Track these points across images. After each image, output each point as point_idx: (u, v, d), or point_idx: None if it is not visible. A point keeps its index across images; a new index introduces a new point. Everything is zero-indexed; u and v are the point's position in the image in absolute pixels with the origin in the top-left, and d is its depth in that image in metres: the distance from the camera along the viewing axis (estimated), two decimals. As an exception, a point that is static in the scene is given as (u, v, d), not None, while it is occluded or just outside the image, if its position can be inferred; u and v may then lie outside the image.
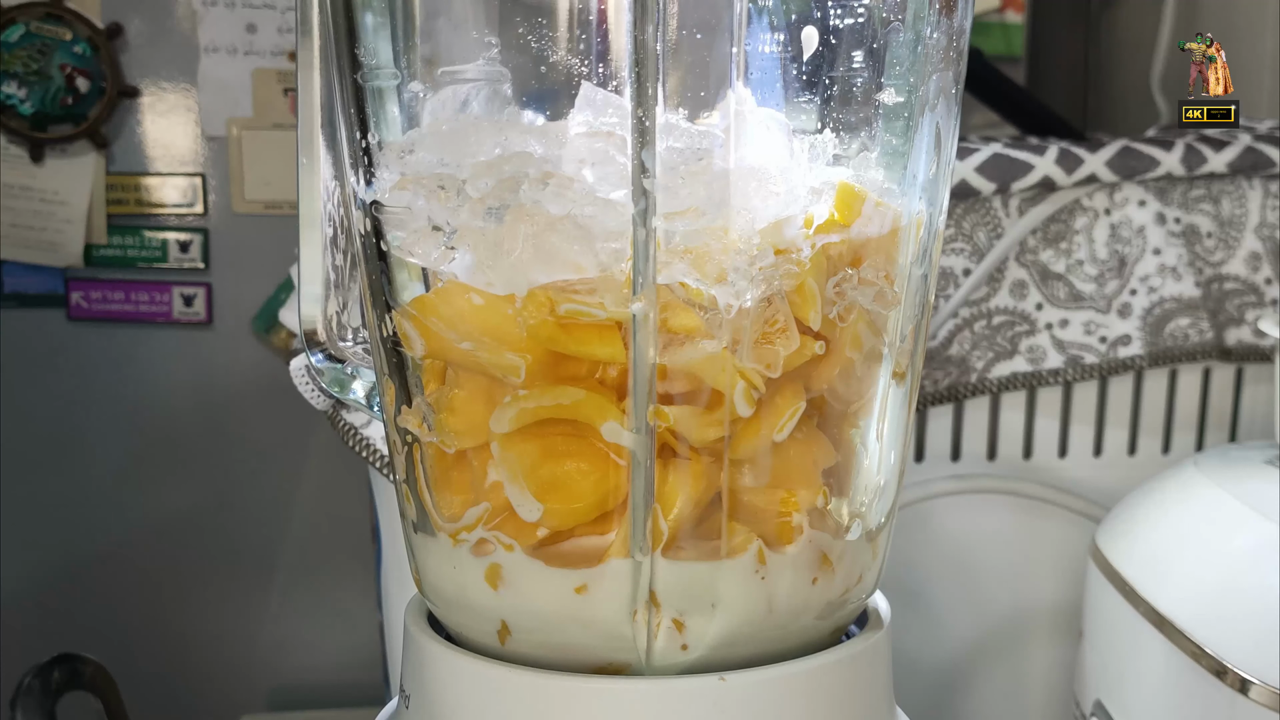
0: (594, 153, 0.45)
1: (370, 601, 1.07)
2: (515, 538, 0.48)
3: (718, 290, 0.45)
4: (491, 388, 0.47)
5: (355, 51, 0.49)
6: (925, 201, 0.50)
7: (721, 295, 0.45)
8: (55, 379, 1.65)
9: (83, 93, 1.58)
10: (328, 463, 1.67)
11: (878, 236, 0.48)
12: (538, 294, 0.45)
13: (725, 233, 0.45)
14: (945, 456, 0.92)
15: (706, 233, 0.45)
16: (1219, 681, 0.65)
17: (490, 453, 0.47)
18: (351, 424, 0.79)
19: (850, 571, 0.51)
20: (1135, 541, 0.75)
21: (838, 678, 0.50)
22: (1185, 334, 0.90)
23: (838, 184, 0.47)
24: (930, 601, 0.92)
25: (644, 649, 0.48)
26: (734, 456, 0.47)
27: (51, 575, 1.66)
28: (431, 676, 0.51)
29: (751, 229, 0.45)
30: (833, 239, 0.46)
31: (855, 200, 0.47)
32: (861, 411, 0.50)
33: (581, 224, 0.44)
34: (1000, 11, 1.54)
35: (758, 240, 0.45)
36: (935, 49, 0.49)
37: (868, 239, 0.48)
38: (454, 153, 0.46)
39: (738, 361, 0.45)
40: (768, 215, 0.45)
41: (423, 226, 0.47)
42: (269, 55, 1.61)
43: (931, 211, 0.51)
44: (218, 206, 1.64)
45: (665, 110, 0.44)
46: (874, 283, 0.48)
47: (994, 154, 0.86)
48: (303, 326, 0.59)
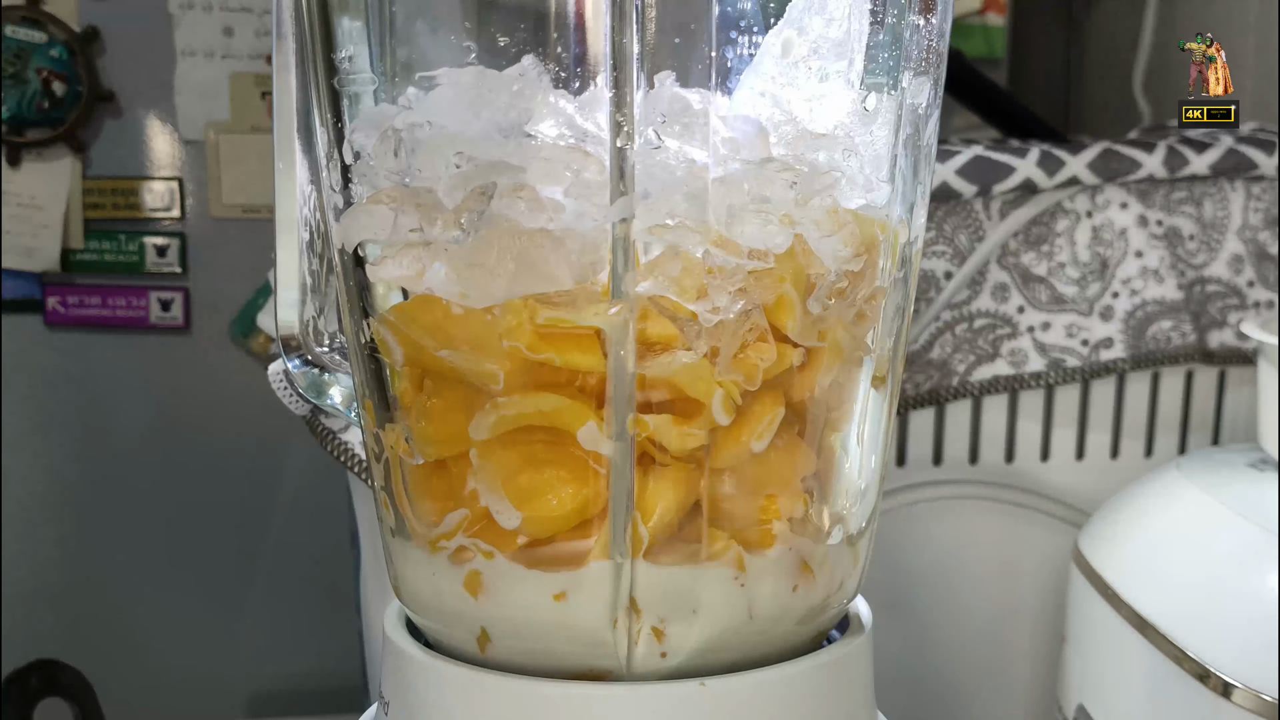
0: (569, 163, 0.44)
1: (349, 608, 1.07)
2: (495, 545, 0.48)
3: (697, 303, 0.44)
4: (470, 396, 0.47)
5: (332, 55, 0.49)
6: (905, 206, 0.50)
7: (700, 306, 0.44)
8: (32, 384, 1.64)
9: (59, 96, 1.57)
10: (306, 468, 1.67)
11: (857, 247, 0.48)
12: (516, 303, 0.45)
13: (704, 243, 0.44)
14: (927, 460, 0.91)
15: (685, 243, 0.44)
16: (1202, 685, 0.65)
17: (469, 460, 0.47)
18: (330, 429, 0.79)
19: (831, 577, 0.51)
20: (1118, 545, 0.75)
21: (819, 683, 0.50)
22: (1168, 337, 0.90)
23: (823, 210, 0.46)
24: (912, 606, 0.92)
25: (624, 655, 0.48)
26: (714, 464, 0.47)
27: (28, 581, 1.65)
28: (411, 683, 0.51)
29: (731, 239, 0.45)
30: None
31: (835, 219, 0.47)
32: (842, 417, 0.50)
33: (557, 236, 0.44)
34: (981, 14, 1.54)
35: (737, 252, 0.45)
36: (915, 51, 0.49)
37: (849, 252, 0.47)
38: (427, 163, 0.46)
39: (716, 373, 0.45)
40: (748, 225, 0.45)
41: (398, 240, 0.47)
42: (246, 59, 1.61)
43: (912, 216, 0.51)
44: (195, 210, 1.63)
45: (643, 117, 0.44)
46: (853, 293, 0.48)
47: (975, 156, 0.86)
48: (279, 332, 0.59)
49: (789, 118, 0.46)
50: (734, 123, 0.45)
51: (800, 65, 0.46)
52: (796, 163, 0.46)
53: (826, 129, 0.46)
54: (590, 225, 0.44)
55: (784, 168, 0.45)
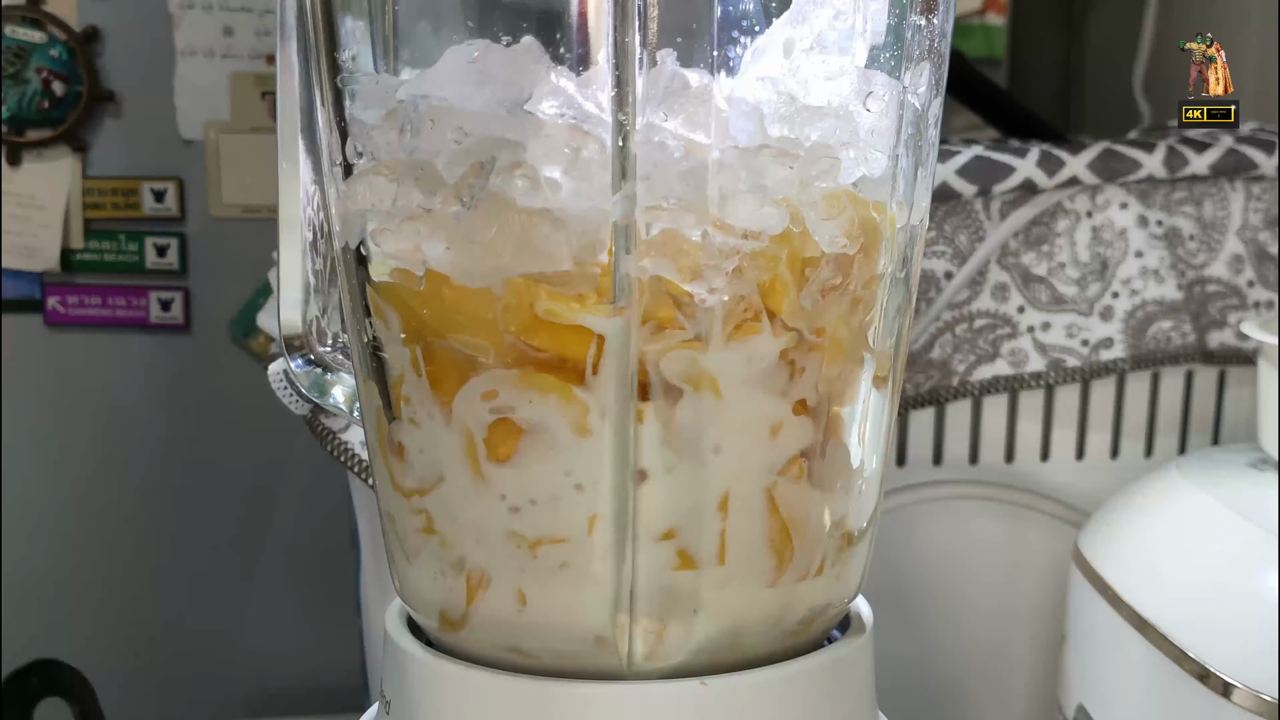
0: (569, 142, 0.44)
1: (349, 607, 1.07)
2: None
3: (695, 282, 0.44)
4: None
5: (335, 55, 0.49)
6: (907, 206, 0.50)
7: (698, 286, 0.44)
8: (32, 384, 1.64)
9: (59, 96, 1.57)
10: (306, 468, 1.67)
11: (857, 240, 0.48)
12: (517, 283, 0.45)
13: (702, 224, 0.44)
14: (927, 460, 0.91)
15: (683, 224, 0.44)
16: (1202, 685, 0.65)
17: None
18: (330, 429, 0.79)
19: (832, 577, 0.51)
20: (1118, 545, 0.75)
21: (819, 682, 0.50)
22: (1168, 337, 0.90)
23: (820, 194, 0.46)
24: (912, 606, 0.92)
25: (625, 654, 0.48)
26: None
27: (28, 581, 1.65)
28: (412, 682, 0.51)
29: (727, 221, 0.45)
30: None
31: (836, 203, 0.47)
32: (843, 416, 0.50)
33: (557, 217, 0.44)
34: (981, 14, 1.54)
35: (734, 233, 0.45)
36: (916, 51, 0.49)
37: (847, 242, 0.47)
38: (428, 137, 0.46)
39: (711, 356, 0.45)
40: (744, 206, 0.45)
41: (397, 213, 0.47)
42: (247, 59, 1.60)
43: (913, 215, 0.51)
44: (195, 210, 1.63)
45: (645, 96, 0.44)
46: (851, 288, 0.48)
47: (975, 156, 0.86)
48: (282, 331, 0.59)
49: (789, 102, 0.45)
50: (735, 104, 0.45)
51: (802, 59, 0.46)
52: (794, 146, 0.45)
53: (826, 121, 0.46)
54: (589, 206, 0.44)
55: (781, 153, 0.45)
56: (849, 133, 0.47)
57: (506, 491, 0.47)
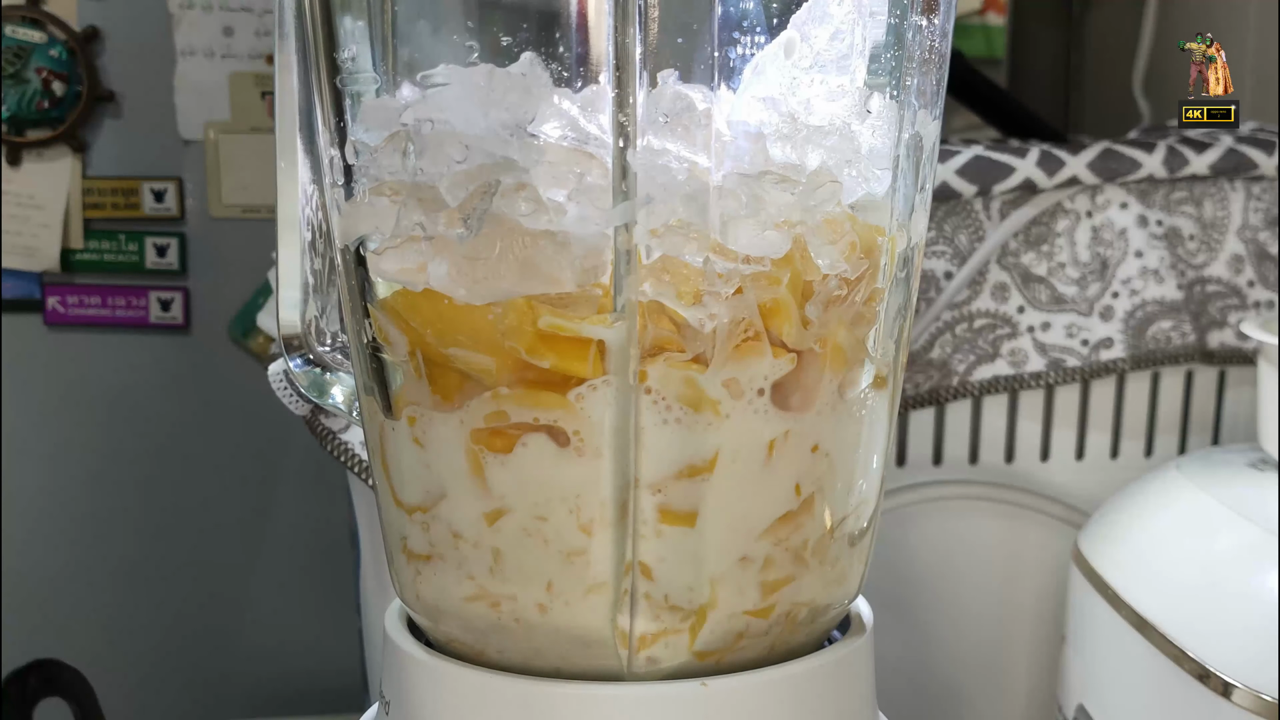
0: (574, 165, 0.44)
1: (349, 608, 1.07)
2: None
3: (694, 307, 0.44)
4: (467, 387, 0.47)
5: (334, 55, 0.49)
6: (907, 207, 0.50)
7: (697, 311, 0.44)
8: (32, 384, 1.64)
9: (59, 96, 1.57)
10: (306, 468, 1.67)
11: (860, 264, 0.48)
12: (519, 303, 0.45)
13: (704, 249, 0.44)
14: (927, 460, 0.91)
15: (684, 248, 0.44)
16: (1202, 685, 0.65)
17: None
18: (330, 429, 0.79)
19: (833, 577, 0.51)
20: (1118, 545, 0.75)
21: (820, 683, 0.50)
22: (1167, 337, 0.90)
23: (821, 217, 0.46)
24: (912, 606, 0.92)
25: (625, 655, 0.48)
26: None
27: (28, 581, 1.65)
28: (412, 683, 0.51)
29: (730, 242, 0.45)
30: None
31: (837, 227, 0.47)
32: (843, 418, 0.50)
33: (560, 240, 0.44)
34: (981, 14, 1.54)
35: (735, 257, 0.45)
36: (917, 51, 0.49)
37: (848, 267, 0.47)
38: (431, 159, 0.46)
39: (711, 376, 0.45)
40: (746, 230, 0.45)
41: (400, 234, 0.47)
42: (246, 59, 1.61)
43: (912, 218, 0.51)
44: (195, 210, 1.63)
45: (646, 117, 0.44)
46: (852, 297, 0.48)
47: (975, 156, 0.86)
48: (281, 331, 0.59)
49: (790, 120, 0.45)
50: (736, 126, 0.45)
51: (803, 68, 0.46)
52: (796, 172, 0.45)
53: (827, 131, 0.46)
54: (592, 229, 0.44)
55: (782, 179, 0.45)
56: (851, 150, 0.47)
57: (506, 497, 0.47)
